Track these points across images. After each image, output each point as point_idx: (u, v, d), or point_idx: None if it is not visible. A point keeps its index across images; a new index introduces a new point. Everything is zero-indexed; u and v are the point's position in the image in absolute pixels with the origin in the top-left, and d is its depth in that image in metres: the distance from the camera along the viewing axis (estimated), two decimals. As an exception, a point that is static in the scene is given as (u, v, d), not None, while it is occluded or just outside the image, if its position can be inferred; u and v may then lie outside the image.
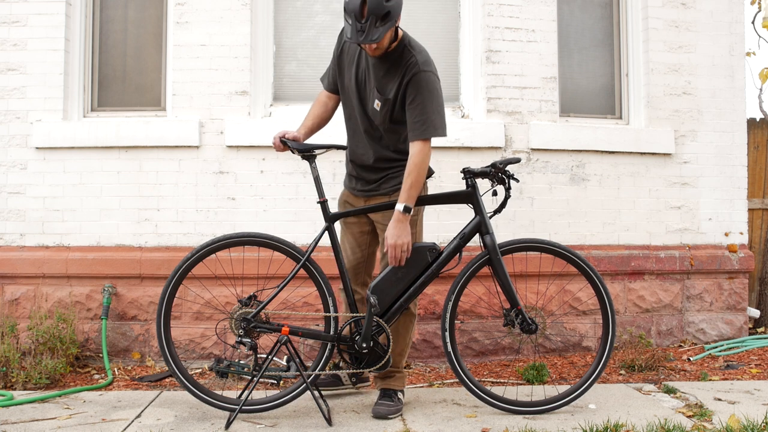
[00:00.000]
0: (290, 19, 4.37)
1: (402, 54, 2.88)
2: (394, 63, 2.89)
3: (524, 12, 4.31)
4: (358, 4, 2.69)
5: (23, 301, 4.00)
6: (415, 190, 2.85)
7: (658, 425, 2.75)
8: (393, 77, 2.89)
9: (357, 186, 3.13)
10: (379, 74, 2.92)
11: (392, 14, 2.73)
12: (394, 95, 2.89)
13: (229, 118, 4.11)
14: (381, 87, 2.91)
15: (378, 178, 3.06)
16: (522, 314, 3.01)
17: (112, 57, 4.31)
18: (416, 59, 2.86)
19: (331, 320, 2.96)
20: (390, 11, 2.71)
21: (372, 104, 2.95)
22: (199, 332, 4.01)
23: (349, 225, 3.16)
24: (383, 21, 2.71)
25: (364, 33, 2.71)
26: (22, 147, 4.07)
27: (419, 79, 2.84)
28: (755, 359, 4.10)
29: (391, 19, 2.73)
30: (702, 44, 4.53)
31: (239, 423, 2.88)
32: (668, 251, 4.43)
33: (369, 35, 2.71)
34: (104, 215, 4.08)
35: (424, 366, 4.08)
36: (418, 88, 2.84)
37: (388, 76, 2.90)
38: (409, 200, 2.84)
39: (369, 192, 3.09)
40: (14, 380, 3.46)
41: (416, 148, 2.85)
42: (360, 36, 2.72)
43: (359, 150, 3.08)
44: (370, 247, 3.21)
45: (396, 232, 2.85)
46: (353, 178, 3.15)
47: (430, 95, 2.86)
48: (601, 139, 4.37)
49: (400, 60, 2.88)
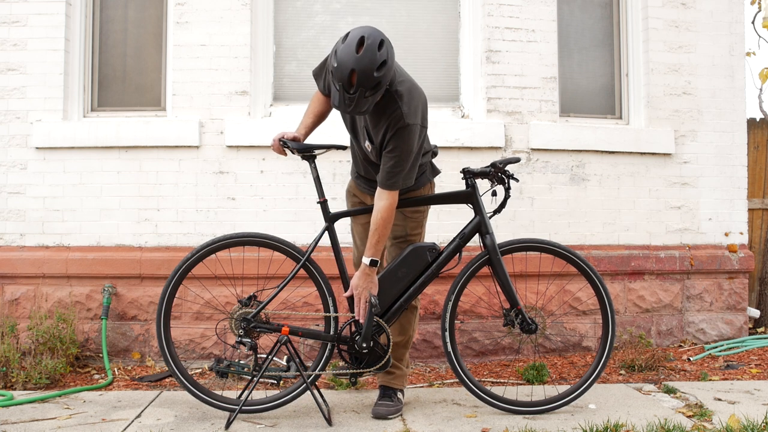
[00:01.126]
0: (290, 19, 4.37)
1: (388, 103, 2.73)
2: (380, 111, 2.75)
3: (524, 12, 4.31)
4: (347, 75, 2.54)
5: (23, 301, 4.00)
6: (380, 245, 2.82)
7: (658, 425, 2.75)
8: (379, 125, 2.78)
9: (363, 183, 3.13)
10: (367, 118, 2.83)
11: (382, 83, 2.60)
12: (380, 142, 2.80)
13: (229, 118, 4.11)
14: (370, 132, 2.84)
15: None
16: (522, 314, 3.01)
17: (112, 57, 4.31)
18: (401, 112, 2.70)
19: (331, 320, 2.96)
20: (380, 81, 2.58)
21: (363, 143, 2.91)
22: (199, 332, 4.01)
23: (357, 217, 3.15)
24: (373, 91, 2.58)
25: (352, 104, 2.58)
26: (22, 147, 4.07)
27: (402, 133, 2.72)
28: (755, 359, 4.10)
29: (381, 88, 2.60)
30: (702, 44, 4.53)
31: (239, 423, 2.88)
32: (668, 251, 4.43)
33: (358, 107, 2.59)
34: (104, 215, 4.08)
35: (424, 366, 4.08)
36: (399, 141, 2.73)
37: (375, 122, 2.80)
38: (376, 254, 2.82)
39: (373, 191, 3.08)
40: (14, 380, 3.46)
41: (384, 201, 2.78)
42: (348, 107, 2.60)
43: (361, 170, 3.08)
44: None
45: (361, 283, 2.86)
46: (359, 176, 3.15)
47: (409, 149, 2.74)
48: (601, 139, 4.37)
49: (386, 109, 2.73)
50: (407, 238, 3.06)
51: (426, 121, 2.85)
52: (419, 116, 2.78)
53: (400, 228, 3.05)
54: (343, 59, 2.55)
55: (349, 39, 2.59)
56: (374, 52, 2.56)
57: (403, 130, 2.71)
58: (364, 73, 2.53)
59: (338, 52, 2.58)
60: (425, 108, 2.84)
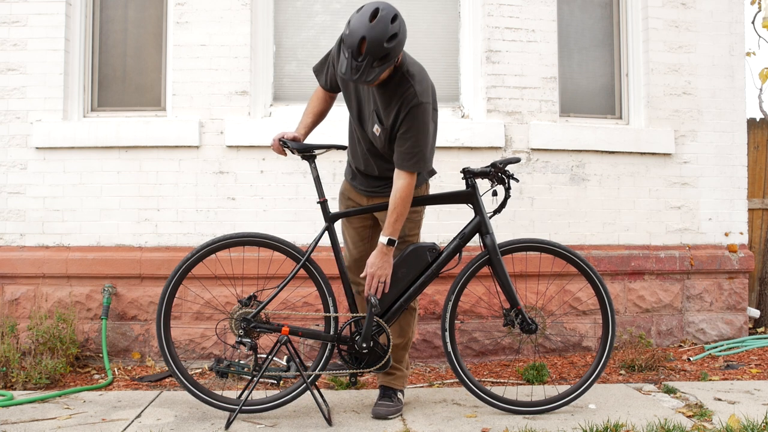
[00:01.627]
0: (290, 19, 4.37)
1: (400, 83, 2.76)
2: (392, 91, 2.77)
3: (524, 12, 4.31)
4: (356, 41, 2.57)
5: (23, 301, 4.00)
6: (399, 224, 2.81)
7: (658, 425, 2.75)
8: (391, 106, 2.79)
9: (360, 185, 3.11)
10: (378, 100, 2.82)
11: (391, 56, 2.61)
12: (392, 125, 2.80)
13: (229, 118, 4.11)
14: (380, 114, 2.83)
15: (382, 183, 3.03)
16: (522, 314, 3.01)
17: (112, 57, 4.31)
18: (414, 90, 2.74)
19: (331, 320, 2.96)
20: (389, 53, 2.59)
21: (371, 128, 2.89)
22: (199, 332, 4.01)
23: (351, 219, 3.14)
24: (381, 62, 2.59)
25: (359, 72, 2.59)
26: (22, 147, 4.07)
27: (416, 112, 2.74)
28: (755, 359, 4.10)
29: (389, 60, 2.61)
30: (702, 44, 4.53)
31: (239, 423, 2.88)
32: (668, 251, 4.43)
33: (364, 75, 2.60)
34: (104, 215, 4.08)
35: (424, 366, 4.08)
36: (413, 121, 2.75)
37: (386, 103, 2.80)
38: (394, 233, 2.81)
39: (373, 191, 3.07)
40: (14, 380, 3.46)
41: (402, 180, 2.79)
42: (354, 74, 2.60)
43: (361, 164, 3.05)
44: (373, 240, 3.16)
45: (377, 263, 2.84)
46: (356, 176, 3.12)
47: (425, 128, 2.78)
48: (601, 139, 4.37)
49: (397, 89, 2.76)
50: (405, 238, 3.05)
51: (436, 104, 2.89)
52: (431, 97, 2.82)
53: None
54: (355, 27, 2.60)
55: (363, 9, 2.65)
56: (386, 23, 2.60)
57: (416, 109, 2.74)
58: (375, 42, 2.56)
59: (351, 21, 2.64)
60: (435, 93, 2.88)
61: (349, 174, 3.18)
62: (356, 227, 3.14)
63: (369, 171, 3.04)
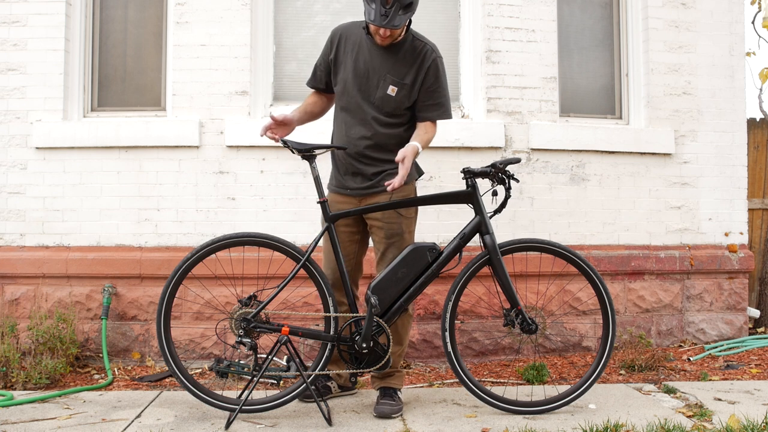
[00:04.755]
0: (290, 19, 4.37)
1: (413, 43, 3.07)
2: (406, 51, 3.05)
3: (524, 12, 4.31)
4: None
5: (23, 301, 4.00)
6: (426, 145, 3.03)
7: (658, 425, 2.75)
8: (408, 64, 3.04)
9: (350, 184, 3.11)
10: (389, 62, 3.03)
11: (414, 5, 2.91)
12: (413, 80, 3.03)
13: (229, 118, 4.11)
14: (396, 73, 3.03)
15: (375, 172, 3.06)
16: (522, 314, 3.01)
17: (112, 57, 4.31)
18: (430, 47, 3.08)
19: (331, 320, 2.96)
20: (413, 2, 2.89)
21: (383, 91, 3.03)
22: (199, 332, 4.01)
23: (339, 232, 3.09)
24: (405, 10, 2.88)
25: (387, 18, 2.86)
26: (22, 147, 4.07)
27: (437, 65, 3.06)
28: (755, 359, 4.10)
29: (412, 9, 2.91)
30: (702, 44, 4.53)
31: (239, 423, 2.88)
32: (668, 251, 4.43)
33: (392, 21, 2.86)
34: (104, 215, 4.08)
35: (424, 366, 4.08)
36: (437, 74, 3.06)
37: (402, 63, 3.04)
38: (424, 146, 3.00)
39: (365, 190, 3.08)
40: (14, 380, 3.46)
41: (430, 127, 3.08)
42: (383, 20, 2.86)
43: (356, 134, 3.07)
44: (357, 257, 3.22)
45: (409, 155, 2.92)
46: (347, 176, 3.12)
47: (445, 79, 3.12)
48: (601, 139, 4.37)
49: (412, 49, 3.05)
50: (404, 235, 3.08)
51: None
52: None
53: (396, 226, 3.06)
54: None
55: None
56: None
57: (437, 62, 3.07)
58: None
59: None
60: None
61: (334, 182, 3.20)
62: (343, 242, 3.10)
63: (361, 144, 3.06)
